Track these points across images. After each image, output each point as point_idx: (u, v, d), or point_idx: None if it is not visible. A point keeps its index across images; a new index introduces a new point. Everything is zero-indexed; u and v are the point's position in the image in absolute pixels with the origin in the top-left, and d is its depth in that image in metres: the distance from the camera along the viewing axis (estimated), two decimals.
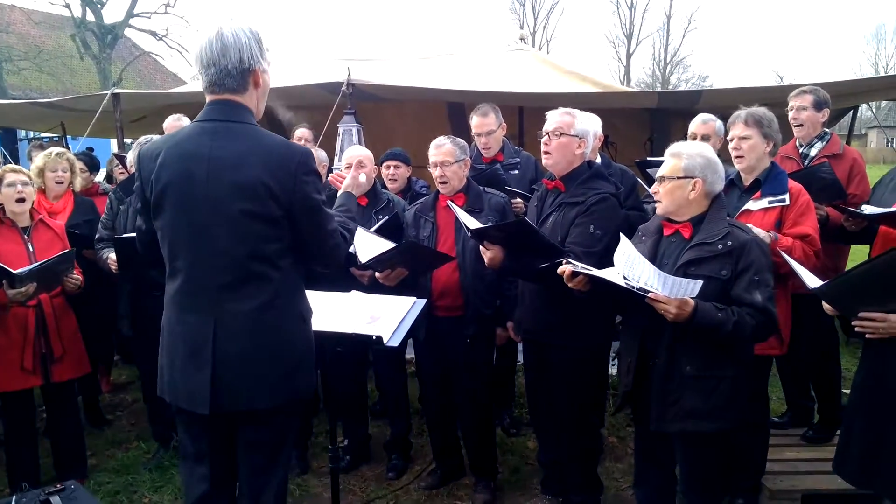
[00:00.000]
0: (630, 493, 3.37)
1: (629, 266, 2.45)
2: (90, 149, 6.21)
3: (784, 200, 3.10)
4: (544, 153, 3.12)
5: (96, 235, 4.05)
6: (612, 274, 2.48)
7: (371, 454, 4.19)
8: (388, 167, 4.31)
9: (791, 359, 3.83)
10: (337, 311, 2.77)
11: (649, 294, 2.39)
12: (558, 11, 52.44)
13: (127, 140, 6.33)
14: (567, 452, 3.28)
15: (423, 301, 2.91)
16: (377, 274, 3.43)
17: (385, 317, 2.75)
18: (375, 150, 4.07)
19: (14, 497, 2.76)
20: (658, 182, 2.66)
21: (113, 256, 3.78)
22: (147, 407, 4.36)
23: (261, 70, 2.15)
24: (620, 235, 2.59)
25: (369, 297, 2.93)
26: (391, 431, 4.10)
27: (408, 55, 8.16)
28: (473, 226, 3.01)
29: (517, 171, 4.25)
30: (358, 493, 3.79)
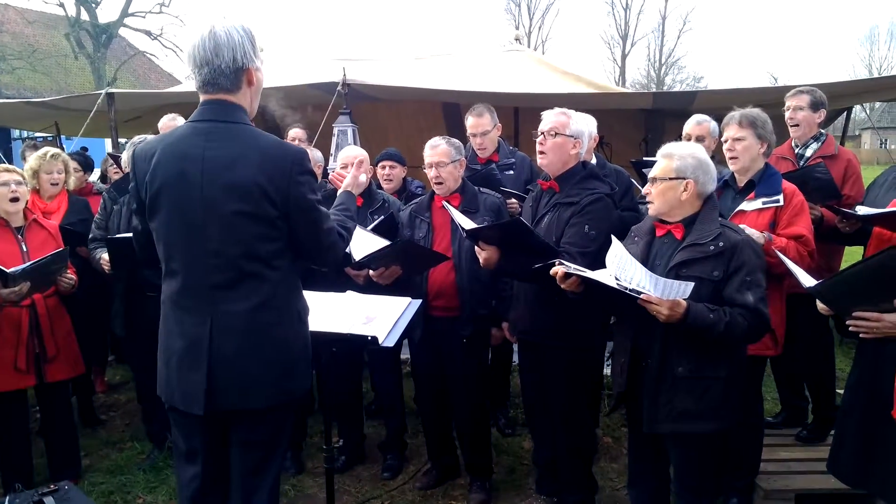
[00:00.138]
0: (625, 493, 3.37)
1: (621, 268, 2.46)
2: (84, 148, 6.19)
3: (778, 201, 3.11)
4: (539, 153, 3.13)
5: (90, 235, 4.04)
6: (605, 275, 2.49)
7: (366, 454, 4.18)
8: (384, 167, 4.31)
9: (785, 359, 3.84)
10: (332, 312, 2.77)
11: (641, 295, 2.39)
12: (553, 12, 52.48)
13: (121, 140, 6.31)
14: (562, 452, 3.28)
15: (419, 301, 2.91)
16: (371, 272, 3.42)
17: (380, 317, 2.75)
18: (371, 151, 4.07)
19: (7, 497, 2.75)
20: (650, 183, 2.66)
21: (106, 257, 3.77)
22: (141, 407, 4.35)
23: (254, 68, 2.15)
24: (612, 237, 2.59)
25: (365, 298, 2.93)
26: (386, 431, 4.10)
27: (403, 55, 8.16)
28: (468, 226, 3.01)
29: (512, 172, 4.26)
30: (353, 494, 3.79)
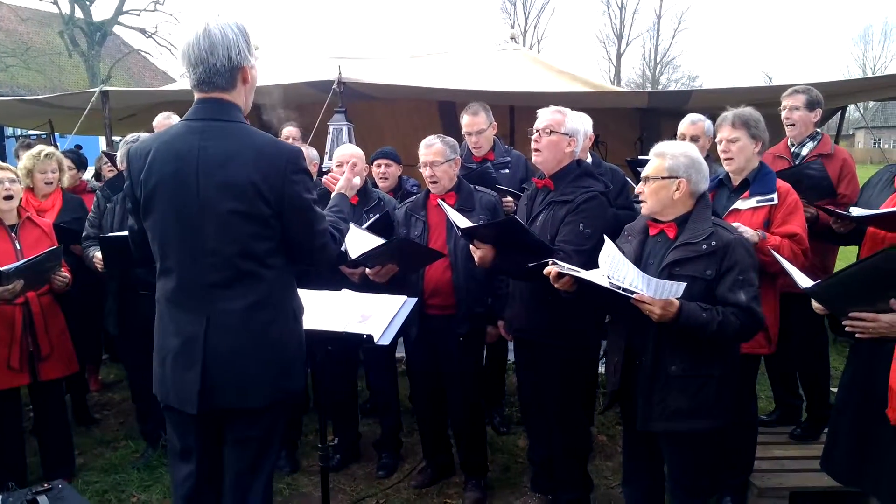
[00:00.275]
0: (619, 492, 3.38)
1: (613, 267, 2.46)
2: (78, 146, 6.17)
3: (772, 200, 3.12)
4: (534, 150, 3.13)
5: (83, 233, 4.03)
6: (597, 275, 2.49)
7: (361, 453, 4.18)
8: (379, 166, 4.31)
9: (779, 357, 3.85)
10: (328, 310, 2.76)
11: (634, 295, 2.40)
12: (549, 11, 52.60)
13: (115, 138, 6.29)
14: (557, 450, 3.29)
15: (414, 300, 2.90)
16: (367, 270, 3.42)
17: (376, 315, 2.75)
18: (366, 149, 4.07)
19: (1, 496, 2.74)
20: (643, 182, 2.67)
21: (99, 255, 3.76)
22: (135, 406, 4.34)
23: (249, 66, 2.14)
24: (604, 237, 2.60)
25: (360, 296, 2.92)
26: (381, 430, 4.10)
27: (399, 54, 8.17)
28: (464, 225, 3.01)
29: (508, 170, 4.26)
30: (348, 492, 3.78)
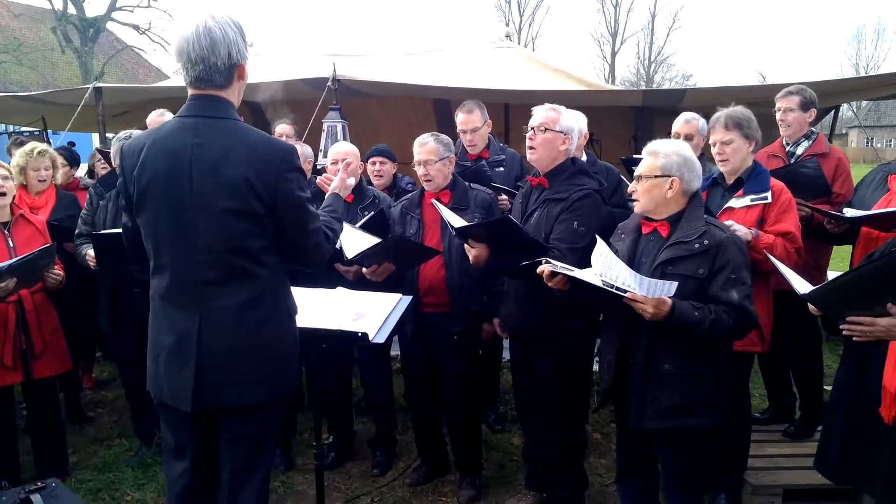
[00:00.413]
0: (613, 489, 3.39)
1: (606, 267, 2.47)
2: (72, 143, 6.14)
3: (766, 198, 3.13)
4: (529, 148, 3.13)
5: (76, 231, 4.01)
6: (590, 274, 2.50)
7: (356, 451, 4.18)
8: (374, 163, 4.30)
9: (773, 355, 3.87)
10: (322, 308, 2.76)
11: (627, 294, 2.41)
12: (544, 9, 52.60)
13: (109, 135, 6.26)
14: (553, 448, 3.30)
15: (409, 297, 2.90)
16: (364, 269, 3.42)
17: (371, 313, 2.75)
18: (361, 147, 4.06)
19: None
20: (635, 181, 2.67)
21: (91, 253, 3.74)
22: (129, 404, 4.33)
23: (245, 63, 2.15)
24: (596, 237, 2.60)
25: (355, 294, 2.92)
26: (376, 428, 4.10)
27: (394, 51, 8.15)
28: (458, 224, 3.01)
29: (502, 168, 4.26)
30: (343, 490, 3.78)
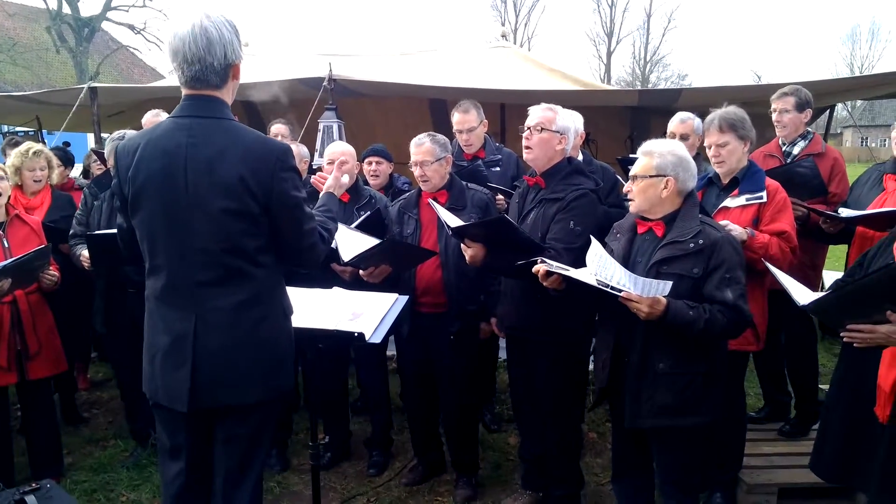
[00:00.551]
0: (609, 489, 3.39)
1: (601, 266, 2.48)
2: (66, 143, 6.12)
3: (761, 198, 3.14)
4: (525, 147, 3.13)
5: (70, 231, 4.00)
6: (585, 274, 2.50)
7: (352, 451, 4.18)
8: (370, 163, 4.30)
9: (768, 354, 3.88)
10: (319, 308, 2.75)
11: (621, 293, 2.41)
12: (539, 9, 52.61)
13: (104, 135, 6.24)
14: (550, 447, 3.30)
15: (406, 297, 2.90)
16: (361, 272, 3.42)
17: (367, 313, 2.74)
18: (357, 147, 4.06)
19: None
20: (631, 180, 2.68)
21: (86, 253, 3.73)
22: (124, 405, 4.32)
23: (240, 63, 2.15)
24: (591, 238, 2.61)
25: (351, 294, 2.92)
26: (372, 428, 4.10)
27: (389, 51, 8.14)
28: (454, 224, 3.01)
29: (499, 168, 4.26)
30: (339, 490, 3.78)
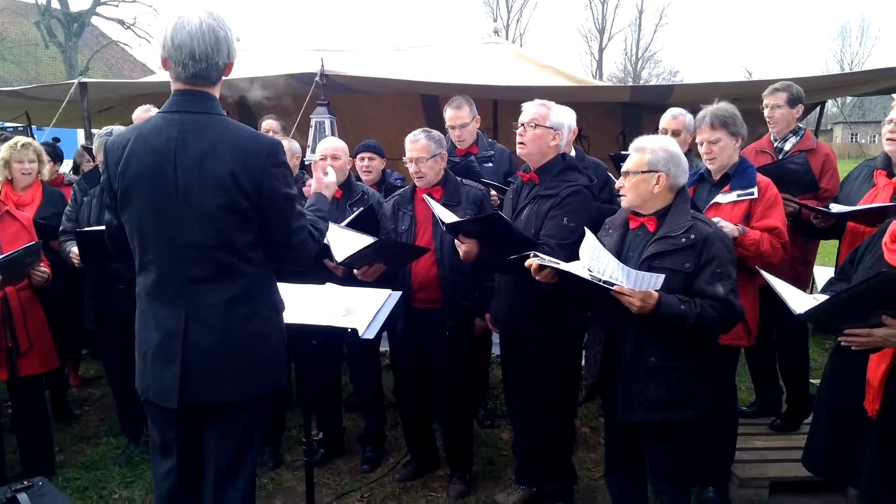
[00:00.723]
0: (602, 483, 3.41)
1: (594, 259, 2.49)
2: (56, 139, 6.08)
3: (752, 194, 3.15)
4: (519, 144, 3.13)
5: (60, 227, 3.97)
6: (578, 267, 2.51)
7: (345, 447, 4.18)
8: (363, 159, 4.29)
9: (759, 349, 3.90)
10: (311, 304, 2.75)
11: (614, 287, 2.42)
12: (531, 5, 52.64)
13: (94, 130, 6.20)
14: (544, 441, 3.31)
15: (399, 293, 2.89)
16: (355, 271, 3.41)
17: (360, 309, 2.74)
18: (349, 142, 4.05)
19: None
20: (623, 176, 2.69)
21: (75, 250, 3.71)
22: (116, 402, 4.30)
23: (233, 61, 2.16)
24: (585, 230, 2.62)
25: (344, 290, 2.91)
26: (365, 424, 4.10)
27: (381, 47, 8.11)
28: (448, 220, 3.01)
29: (491, 164, 4.26)
30: (332, 487, 3.78)
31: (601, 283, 2.43)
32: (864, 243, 2.60)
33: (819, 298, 2.55)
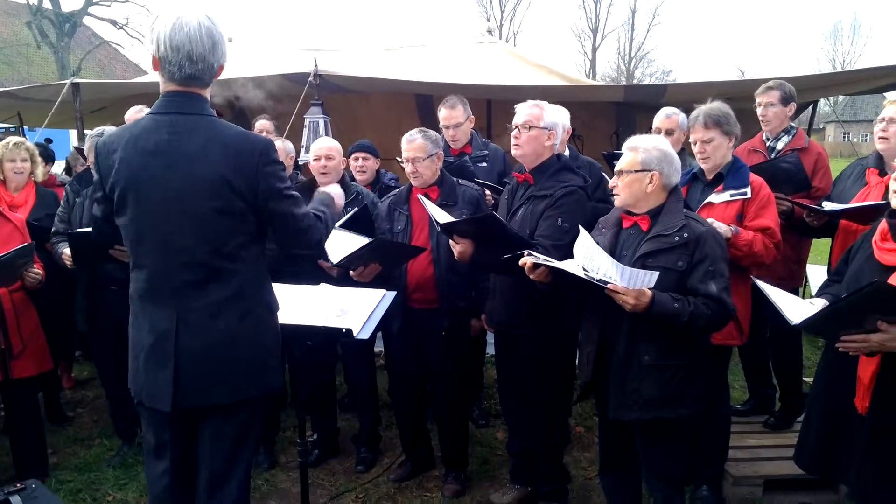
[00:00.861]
0: (597, 482, 3.42)
1: (588, 258, 2.49)
2: (48, 140, 6.06)
3: (745, 193, 3.16)
4: (514, 145, 3.14)
5: (52, 229, 3.95)
6: (573, 266, 2.52)
7: (340, 448, 4.17)
8: (357, 159, 4.29)
9: (752, 348, 3.91)
10: (306, 304, 2.75)
11: (608, 285, 2.43)
12: (525, 4, 52.76)
13: (87, 131, 6.18)
14: (539, 441, 3.31)
15: (394, 293, 2.89)
16: (351, 272, 3.41)
17: (355, 309, 2.74)
18: (343, 142, 4.04)
19: None
20: (616, 175, 2.70)
21: (67, 252, 3.68)
22: (109, 403, 4.28)
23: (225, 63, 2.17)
24: (579, 228, 2.62)
25: (339, 290, 2.91)
26: (360, 425, 4.10)
27: (375, 46, 8.11)
28: (443, 220, 3.01)
29: (485, 164, 4.27)
30: (327, 487, 3.78)
31: (595, 282, 2.43)
32: (858, 242, 2.62)
33: (814, 303, 2.57)
